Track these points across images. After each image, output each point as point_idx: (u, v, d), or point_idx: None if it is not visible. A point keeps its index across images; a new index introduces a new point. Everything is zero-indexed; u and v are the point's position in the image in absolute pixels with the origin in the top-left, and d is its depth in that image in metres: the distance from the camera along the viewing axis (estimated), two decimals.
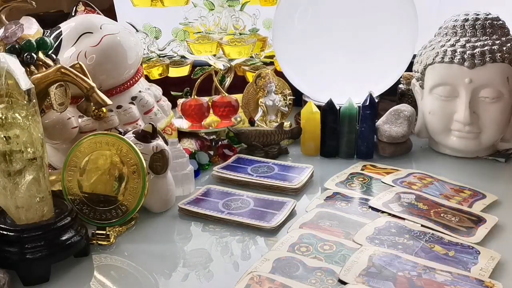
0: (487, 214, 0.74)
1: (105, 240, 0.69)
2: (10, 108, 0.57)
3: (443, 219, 0.72)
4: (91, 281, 0.62)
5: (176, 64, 1.20)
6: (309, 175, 0.88)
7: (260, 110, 1.10)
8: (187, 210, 0.77)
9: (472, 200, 0.79)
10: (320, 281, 0.59)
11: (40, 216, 0.62)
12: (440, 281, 0.58)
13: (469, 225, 0.71)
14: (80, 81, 0.70)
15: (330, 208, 0.77)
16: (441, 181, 0.86)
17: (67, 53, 0.82)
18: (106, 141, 0.72)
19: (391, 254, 0.63)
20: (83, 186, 0.72)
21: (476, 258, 0.63)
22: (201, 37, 1.14)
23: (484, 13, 0.95)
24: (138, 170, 0.71)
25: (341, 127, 0.97)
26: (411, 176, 0.87)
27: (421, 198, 0.79)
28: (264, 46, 1.20)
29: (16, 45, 0.71)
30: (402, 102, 1.09)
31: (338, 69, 1.02)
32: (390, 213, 0.74)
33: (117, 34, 0.85)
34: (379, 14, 0.99)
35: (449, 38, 0.95)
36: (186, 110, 1.06)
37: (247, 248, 0.69)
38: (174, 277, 0.63)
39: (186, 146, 0.96)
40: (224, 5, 1.13)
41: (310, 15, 1.01)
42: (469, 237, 0.68)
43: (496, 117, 0.92)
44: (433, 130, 0.99)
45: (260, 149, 0.98)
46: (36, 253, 0.60)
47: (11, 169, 0.59)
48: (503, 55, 0.90)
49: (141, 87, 0.90)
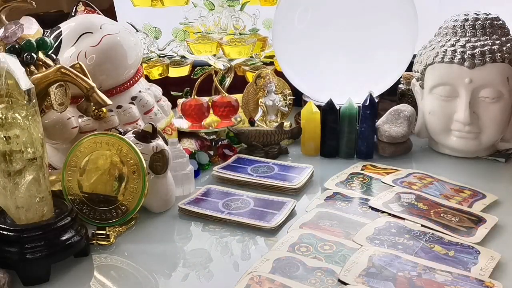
0: (487, 214, 0.74)
1: (105, 240, 0.69)
2: (10, 108, 0.57)
3: (443, 219, 0.72)
4: (91, 281, 0.62)
5: (176, 64, 1.20)
6: (309, 175, 0.88)
7: (260, 110, 1.10)
8: (187, 210, 0.77)
9: (472, 200, 0.79)
10: (320, 281, 0.59)
11: (40, 216, 0.62)
12: (440, 281, 0.58)
13: (469, 225, 0.71)
14: (80, 81, 0.70)
15: (330, 208, 0.77)
16: (441, 181, 0.86)
17: (67, 53, 0.82)
18: (106, 141, 0.72)
19: (391, 255, 0.63)
20: (83, 186, 0.72)
21: (476, 258, 0.63)
22: (201, 37, 1.14)
23: (484, 13, 0.95)
24: (138, 170, 0.71)
25: (341, 127, 0.97)
26: (411, 176, 0.87)
27: (421, 198, 0.79)
28: (264, 46, 1.20)
29: (16, 45, 0.71)
30: (402, 102, 1.09)
31: (338, 69, 1.02)
32: (390, 213, 0.74)
33: (117, 34, 0.85)
34: (379, 14, 0.99)
35: (449, 38, 0.95)
36: (186, 110, 1.06)
37: (247, 248, 0.69)
38: (174, 277, 0.63)
39: (186, 146, 0.96)
40: (224, 5, 1.13)
41: (310, 15, 1.01)
42: (469, 237, 0.68)
43: (496, 117, 0.92)
44: (433, 130, 0.99)
45: (260, 149, 0.98)
46: (36, 253, 0.60)
47: (11, 169, 0.59)
48: (503, 55, 0.90)
49: (141, 87, 0.90)
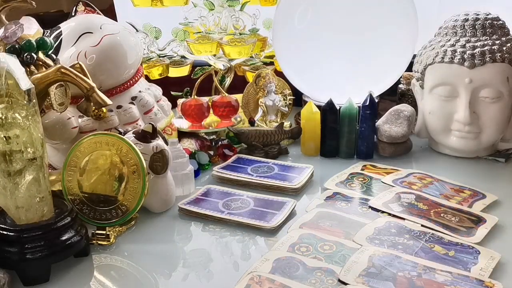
0: (487, 214, 0.74)
1: (105, 240, 0.69)
2: (10, 108, 0.57)
3: (443, 219, 0.72)
4: (91, 281, 0.62)
5: (176, 64, 1.20)
6: (309, 175, 0.88)
7: (260, 110, 1.10)
8: (187, 210, 0.77)
9: (472, 200, 0.79)
10: (320, 281, 0.59)
11: (40, 216, 0.62)
12: (440, 281, 0.58)
13: (469, 225, 0.71)
14: (80, 81, 0.70)
15: (330, 208, 0.77)
16: (441, 181, 0.86)
17: (67, 53, 0.82)
18: (106, 141, 0.72)
19: (391, 255, 0.63)
20: (83, 186, 0.72)
21: (476, 258, 0.63)
22: (201, 37, 1.14)
23: (484, 13, 0.95)
24: (138, 170, 0.71)
25: (341, 127, 0.97)
26: (411, 176, 0.87)
27: (421, 198, 0.79)
28: (264, 46, 1.20)
29: (16, 45, 0.71)
30: (402, 102, 1.09)
31: (338, 69, 1.02)
32: (390, 213, 0.74)
33: (117, 34, 0.85)
34: (379, 14, 0.99)
35: (449, 38, 0.95)
36: (186, 110, 1.06)
37: (247, 248, 0.69)
38: (174, 277, 0.63)
39: (186, 146, 0.96)
40: (224, 5, 1.13)
41: (310, 15, 1.01)
42: (469, 237, 0.68)
43: (496, 117, 0.92)
44: (433, 130, 0.99)
45: (260, 149, 0.98)
46: (36, 253, 0.60)
47: (11, 169, 0.59)
48: (503, 55, 0.90)
49: (141, 87, 0.90)
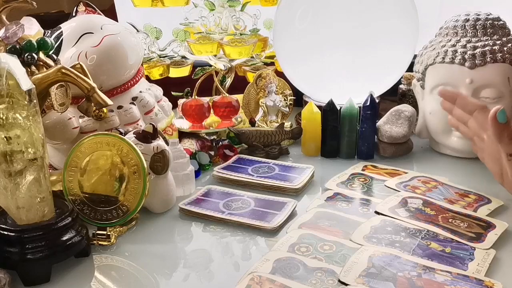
0: (497, 220, 0.73)
1: (106, 240, 0.69)
2: (11, 108, 0.57)
3: (451, 225, 0.71)
4: (91, 282, 0.62)
5: (176, 64, 1.20)
6: (310, 175, 0.88)
7: (261, 111, 1.10)
8: (187, 210, 0.77)
9: (477, 205, 0.78)
10: (321, 282, 0.59)
11: (40, 217, 0.62)
12: (440, 281, 0.58)
13: (478, 230, 0.70)
14: (81, 81, 0.70)
15: (330, 209, 0.77)
16: (446, 185, 0.84)
17: (67, 53, 0.82)
18: (106, 142, 0.72)
19: (390, 255, 0.63)
20: (84, 186, 0.72)
21: (472, 254, 0.64)
22: (201, 37, 1.13)
23: (485, 13, 0.95)
24: (138, 171, 0.71)
25: (341, 128, 0.97)
26: (415, 180, 0.86)
27: (428, 203, 0.77)
28: (265, 47, 1.20)
29: (17, 46, 0.71)
30: (403, 103, 1.09)
31: (339, 69, 1.02)
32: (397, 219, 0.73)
33: (118, 34, 0.85)
34: (379, 14, 0.99)
35: (450, 38, 0.95)
36: (187, 111, 1.06)
37: (248, 248, 0.69)
38: (175, 278, 0.64)
39: (186, 147, 0.96)
40: (224, 5, 1.13)
41: (311, 16, 1.01)
42: (478, 243, 0.67)
43: None
44: (434, 131, 0.99)
45: (260, 150, 0.98)
46: (37, 254, 0.60)
47: (11, 169, 0.59)
48: (504, 55, 0.90)
49: (141, 88, 0.90)
